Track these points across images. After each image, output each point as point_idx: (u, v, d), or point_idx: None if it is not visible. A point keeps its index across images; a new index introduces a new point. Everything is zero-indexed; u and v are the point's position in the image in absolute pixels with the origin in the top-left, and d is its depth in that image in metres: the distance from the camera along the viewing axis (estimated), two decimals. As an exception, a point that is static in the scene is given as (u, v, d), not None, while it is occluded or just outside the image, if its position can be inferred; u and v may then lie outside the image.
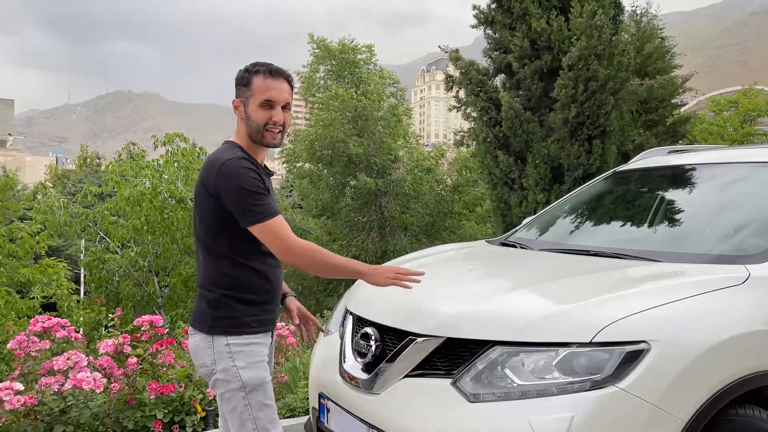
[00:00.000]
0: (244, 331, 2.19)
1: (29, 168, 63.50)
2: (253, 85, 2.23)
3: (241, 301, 2.20)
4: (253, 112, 2.22)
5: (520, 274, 2.80)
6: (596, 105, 8.78)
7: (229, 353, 2.17)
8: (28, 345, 3.67)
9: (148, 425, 3.62)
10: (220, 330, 2.18)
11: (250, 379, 2.17)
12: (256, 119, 2.22)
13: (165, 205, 10.41)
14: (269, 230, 2.13)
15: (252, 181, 2.13)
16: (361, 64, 21.12)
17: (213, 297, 2.21)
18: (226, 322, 2.19)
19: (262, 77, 2.23)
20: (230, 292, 2.19)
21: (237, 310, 2.19)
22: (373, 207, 20.05)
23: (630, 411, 1.90)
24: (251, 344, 2.20)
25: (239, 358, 2.17)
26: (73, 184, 35.33)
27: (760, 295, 2.19)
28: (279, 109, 2.24)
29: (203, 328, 2.21)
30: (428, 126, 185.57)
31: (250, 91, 2.23)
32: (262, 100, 2.22)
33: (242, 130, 2.27)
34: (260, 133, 2.23)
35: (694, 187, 3.33)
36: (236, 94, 2.29)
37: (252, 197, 2.12)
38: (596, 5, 8.65)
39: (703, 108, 19.72)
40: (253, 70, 2.25)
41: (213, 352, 2.18)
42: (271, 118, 2.23)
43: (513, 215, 9.49)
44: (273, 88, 2.23)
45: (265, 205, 2.13)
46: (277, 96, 2.23)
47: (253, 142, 2.26)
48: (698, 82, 18.13)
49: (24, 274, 9.10)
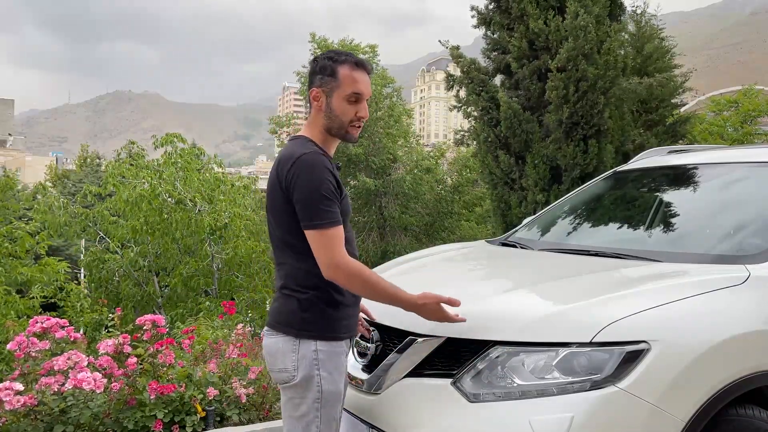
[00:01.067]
0: (333, 337, 2.08)
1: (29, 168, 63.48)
2: (340, 76, 2.09)
3: (332, 303, 2.08)
4: (339, 105, 2.10)
5: (520, 274, 2.80)
6: (588, 105, 8.79)
7: (315, 360, 2.04)
8: (28, 346, 3.67)
9: (148, 425, 3.61)
10: (310, 334, 2.05)
11: (331, 392, 2.06)
12: (342, 113, 2.10)
13: (164, 206, 10.41)
14: (324, 239, 1.99)
15: (325, 182, 2.01)
16: (362, 64, 21.10)
17: (303, 298, 2.07)
18: (317, 326, 2.06)
19: (349, 68, 2.10)
20: (321, 293, 2.07)
21: (327, 314, 2.08)
22: (373, 207, 20.07)
23: (630, 411, 1.90)
24: (337, 353, 2.09)
25: (324, 367, 2.05)
26: (73, 184, 35.31)
27: (760, 295, 2.19)
28: (365, 104, 2.14)
29: (290, 331, 2.07)
30: (428, 126, 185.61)
31: (335, 82, 2.09)
32: (350, 93, 2.09)
33: (319, 122, 2.13)
34: (344, 128, 2.12)
35: (694, 187, 3.33)
36: (316, 83, 2.13)
37: (319, 199, 1.99)
38: (578, 6, 8.65)
39: (703, 108, 19.72)
40: (339, 59, 2.11)
41: (297, 357, 2.04)
42: (357, 113, 2.12)
43: (513, 215, 9.50)
44: (361, 81, 2.11)
45: (329, 211, 2.00)
46: (365, 89, 2.13)
47: (330, 135, 2.14)
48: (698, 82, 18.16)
49: (23, 273, 9.10)
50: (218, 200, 10.73)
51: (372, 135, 19.89)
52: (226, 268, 10.84)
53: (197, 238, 10.46)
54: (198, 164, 11.32)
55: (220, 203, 10.66)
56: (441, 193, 21.01)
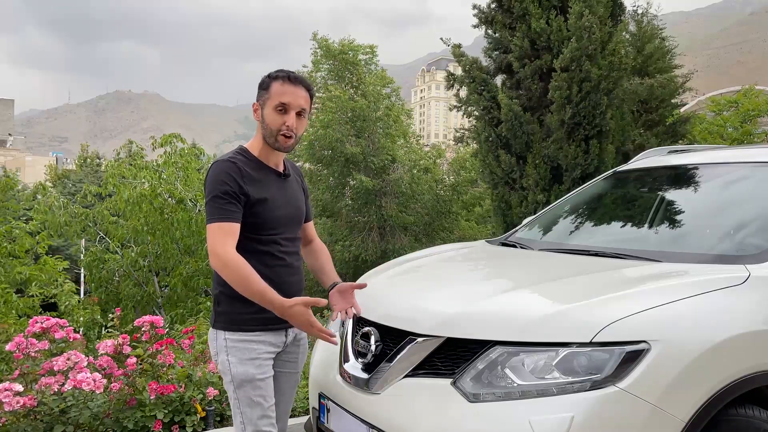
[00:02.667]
0: (240, 328, 2.27)
1: (29, 168, 63.47)
2: (271, 90, 2.30)
3: (237, 298, 2.22)
4: (268, 115, 2.29)
5: (520, 274, 2.80)
6: (591, 105, 8.78)
7: (225, 347, 2.27)
8: (27, 347, 3.67)
9: (148, 425, 3.61)
10: (220, 325, 2.30)
11: (239, 374, 2.24)
12: (270, 123, 2.29)
13: (164, 206, 10.41)
14: (210, 232, 2.21)
15: (221, 185, 2.21)
16: (362, 64, 21.13)
17: (215, 293, 2.32)
18: (225, 318, 2.29)
19: (281, 82, 2.30)
20: (227, 289, 2.25)
21: (234, 307, 2.26)
22: (372, 207, 20.07)
23: (630, 411, 1.90)
24: (247, 341, 2.27)
25: (232, 353, 2.26)
26: (73, 184, 35.31)
27: (760, 295, 2.19)
28: (293, 115, 2.29)
29: (211, 322, 2.35)
30: (428, 126, 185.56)
31: (267, 95, 2.30)
32: (277, 104, 2.28)
33: (259, 132, 2.35)
34: (274, 136, 2.30)
35: (694, 187, 3.33)
36: (257, 97, 2.36)
37: (213, 199, 2.21)
38: (583, 6, 8.64)
39: (703, 108, 19.71)
40: (274, 75, 2.32)
41: (216, 345, 2.31)
42: (284, 123, 2.28)
43: (513, 215, 9.50)
44: (289, 93, 2.29)
45: (219, 209, 2.20)
46: (292, 101, 2.29)
47: (267, 144, 2.33)
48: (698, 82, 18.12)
49: (22, 272, 9.09)
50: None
51: (371, 135, 19.90)
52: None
53: (197, 238, 10.46)
54: (198, 164, 11.32)
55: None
56: (440, 193, 21.02)
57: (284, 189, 2.39)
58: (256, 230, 2.28)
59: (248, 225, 2.26)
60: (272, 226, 2.31)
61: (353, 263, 19.44)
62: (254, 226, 2.27)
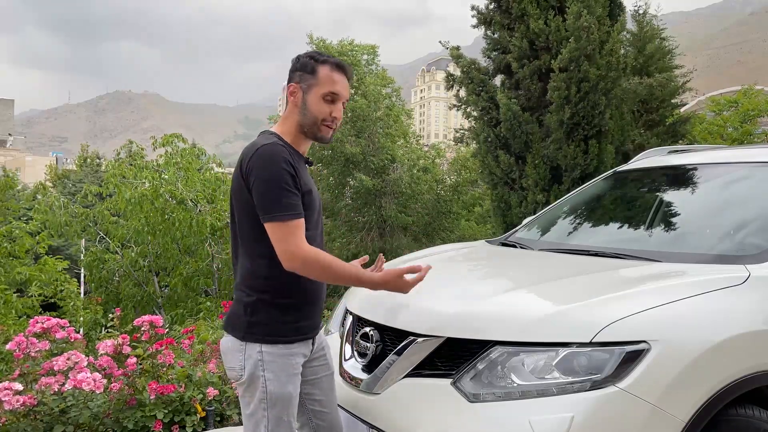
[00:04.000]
0: (279, 340, 2.07)
1: (29, 168, 63.41)
2: (320, 75, 2.11)
3: (279, 306, 2.07)
4: (315, 103, 2.11)
5: (520, 274, 2.80)
6: (590, 105, 8.78)
7: (260, 362, 2.04)
8: (27, 346, 3.67)
9: (148, 425, 3.62)
10: (255, 337, 2.06)
11: (276, 393, 2.05)
12: (316, 111, 2.11)
13: (166, 206, 10.42)
14: (282, 230, 1.98)
15: (282, 174, 1.99)
16: (362, 64, 21.15)
17: (250, 301, 2.07)
18: (262, 329, 2.06)
19: (329, 68, 2.13)
20: (267, 296, 2.07)
21: (273, 317, 2.06)
22: (372, 207, 20.07)
23: (630, 411, 1.90)
24: (285, 355, 2.07)
25: (269, 369, 2.05)
26: (73, 184, 35.28)
27: (760, 295, 2.19)
28: (340, 105, 2.15)
29: (237, 333, 2.08)
30: (428, 126, 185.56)
31: (314, 80, 2.11)
32: (327, 92, 2.11)
33: (293, 118, 2.14)
34: (316, 125, 2.13)
35: (694, 187, 3.33)
36: (295, 78, 2.14)
37: (277, 191, 1.98)
38: (581, 6, 8.64)
39: (703, 108, 19.69)
40: (321, 59, 2.14)
41: (243, 358, 2.05)
42: (331, 113, 2.13)
43: (513, 215, 9.50)
44: (339, 82, 2.13)
45: (288, 203, 1.99)
46: (342, 91, 2.14)
47: (302, 133, 2.15)
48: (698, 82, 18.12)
49: (22, 272, 9.09)
50: (219, 200, 10.73)
51: (371, 135, 19.90)
52: (226, 268, 10.84)
53: (198, 238, 10.46)
54: (198, 164, 11.32)
55: (220, 203, 10.67)
56: (440, 193, 21.03)
57: (311, 179, 2.20)
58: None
59: None
60: (310, 222, 2.11)
61: (353, 263, 19.42)
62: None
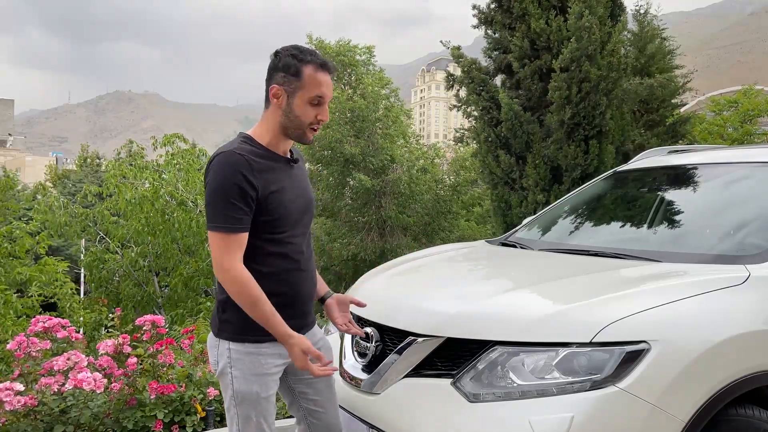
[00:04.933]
0: (247, 339, 2.04)
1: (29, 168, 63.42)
2: (304, 77, 2.01)
3: None
4: (300, 106, 2.02)
5: (520, 274, 2.80)
6: (591, 106, 8.78)
7: (228, 358, 2.05)
8: (28, 346, 3.67)
9: (148, 425, 3.61)
10: (225, 335, 2.07)
11: (241, 391, 2.04)
12: (302, 115, 2.03)
13: (166, 207, 10.42)
14: (216, 242, 1.96)
15: (230, 185, 1.93)
16: (360, 65, 21.15)
17: (221, 299, 2.08)
18: (230, 327, 2.06)
19: (314, 69, 2.02)
20: None
21: (241, 315, 2.01)
22: (372, 207, 20.08)
23: (630, 411, 1.90)
24: (253, 354, 2.05)
25: (237, 366, 2.04)
26: (73, 184, 35.29)
27: (760, 295, 2.19)
28: (326, 107, 2.07)
29: (213, 329, 2.12)
30: (428, 126, 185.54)
31: (299, 83, 2.01)
32: (313, 96, 2.02)
33: (275, 119, 2.06)
34: (302, 129, 2.06)
35: (694, 187, 3.33)
36: (277, 80, 2.04)
37: (221, 202, 1.95)
38: (583, 6, 8.64)
39: (703, 108, 19.70)
40: (305, 59, 2.02)
41: (217, 353, 2.09)
42: (317, 116, 2.05)
43: (513, 215, 9.50)
44: (325, 84, 2.03)
45: (229, 216, 1.94)
46: (328, 92, 2.05)
47: (285, 134, 2.07)
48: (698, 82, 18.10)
49: (22, 272, 9.09)
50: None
51: (370, 135, 19.90)
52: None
53: (198, 239, 10.47)
54: (199, 164, 11.33)
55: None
56: (440, 193, 21.03)
57: (294, 178, 2.12)
58: (269, 229, 2.03)
59: (260, 224, 2.00)
60: (286, 223, 2.06)
61: (352, 262, 19.44)
62: (266, 224, 2.01)
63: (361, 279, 3.09)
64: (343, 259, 19.45)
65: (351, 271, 19.08)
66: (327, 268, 19.27)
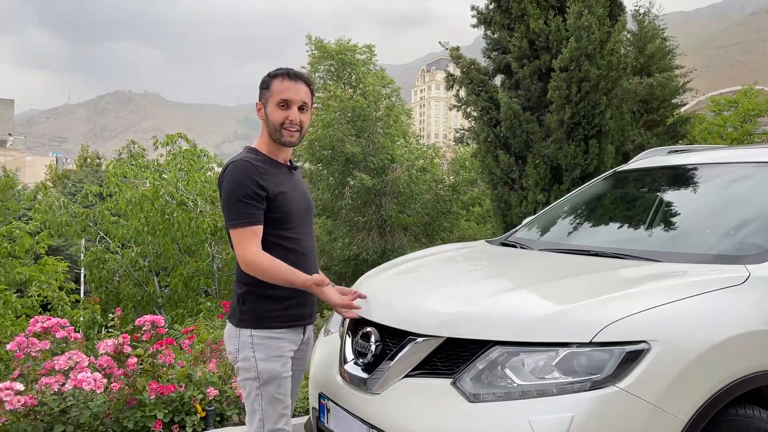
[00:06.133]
0: (267, 326, 2.32)
1: (29, 168, 63.43)
2: (272, 87, 2.37)
3: (264, 296, 2.32)
4: (271, 112, 2.37)
5: (520, 274, 2.80)
6: (590, 105, 8.77)
7: (251, 344, 2.31)
8: (28, 346, 3.67)
9: (148, 425, 3.62)
10: (246, 323, 2.33)
11: (266, 371, 2.29)
12: (274, 119, 2.36)
13: (166, 207, 10.42)
14: (234, 237, 2.28)
15: (241, 188, 2.25)
16: (360, 64, 21.15)
17: (240, 292, 2.36)
18: (251, 316, 2.33)
19: (281, 79, 2.38)
20: (253, 288, 2.32)
21: (261, 305, 2.32)
22: (372, 207, 20.08)
23: (630, 411, 1.90)
24: (273, 338, 2.32)
25: (259, 350, 2.30)
26: (73, 184, 35.28)
27: (760, 295, 2.19)
28: (295, 109, 2.37)
29: (233, 321, 2.38)
30: (428, 126, 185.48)
31: (269, 93, 2.38)
32: (279, 100, 2.36)
33: (264, 132, 2.41)
34: (278, 131, 2.37)
35: (694, 187, 3.33)
36: (259, 97, 2.42)
37: (234, 201, 2.26)
38: (582, 6, 8.63)
39: (703, 108, 19.69)
40: (274, 73, 2.40)
41: (238, 342, 2.33)
42: (287, 117, 2.36)
43: (513, 215, 9.49)
44: (290, 89, 2.37)
45: (239, 211, 2.25)
46: (294, 96, 2.37)
47: (273, 141, 2.40)
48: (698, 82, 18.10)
49: (22, 272, 9.09)
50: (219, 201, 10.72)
51: (371, 135, 19.91)
52: (226, 268, 10.84)
53: (198, 239, 10.47)
54: (200, 164, 11.33)
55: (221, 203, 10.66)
56: (440, 193, 21.03)
57: (295, 183, 2.46)
58: (278, 226, 2.33)
59: (269, 221, 2.30)
60: (293, 220, 2.37)
61: (353, 262, 19.44)
62: (275, 221, 2.32)
63: (361, 279, 3.09)
64: (343, 259, 19.46)
65: (351, 271, 19.09)
66: (327, 268, 19.26)
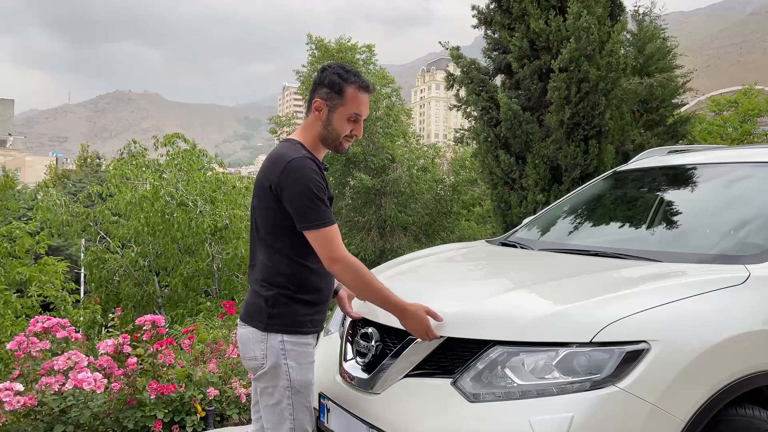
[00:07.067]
0: (299, 331, 2.22)
1: (29, 168, 63.40)
2: (346, 96, 2.24)
3: (298, 300, 2.22)
4: (339, 121, 2.25)
5: (520, 274, 2.80)
6: (590, 106, 8.78)
7: (282, 350, 2.19)
8: (28, 346, 3.67)
9: (148, 425, 3.62)
10: (276, 328, 2.20)
11: (298, 380, 2.21)
12: (339, 129, 2.26)
13: (166, 207, 10.43)
14: (322, 238, 2.14)
15: (316, 185, 2.14)
16: (361, 63, 21.16)
17: (270, 294, 2.22)
18: (282, 320, 2.21)
19: (356, 88, 2.25)
20: (288, 291, 2.21)
21: (294, 310, 2.21)
22: (372, 207, 20.08)
23: (630, 411, 1.90)
24: (304, 344, 2.24)
25: (292, 357, 2.20)
26: (74, 183, 35.29)
27: (760, 295, 2.19)
28: (362, 123, 2.30)
29: (258, 325, 2.23)
30: (428, 126, 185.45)
31: (341, 100, 2.24)
32: (351, 113, 2.25)
33: (314, 130, 2.27)
34: (338, 141, 2.28)
35: (694, 187, 3.33)
36: (320, 94, 2.26)
37: (312, 201, 2.12)
38: (582, 6, 8.63)
39: (703, 108, 19.69)
40: (348, 79, 2.25)
41: (266, 347, 2.20)
42: (352, 131, 2.28)
43: (513, 215, 9.49)
44: (363, 103, 2.27)
45: (323, 211, 2.14)
46: (365, 111, 2.29)
47: (322, 144, 2.29)
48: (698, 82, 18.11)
49: (22, 272, 9.09)
50: (219, 201, 10.73)
51: (371, 135, 19.91)
52: (226, 268, 10.84)
53: (198, 239, 10.47)
54: (200, 164, 11.33)
55: (220, 204, 10.67)
56: (440, 193, 21.04)
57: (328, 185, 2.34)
58: None
59: None
60: None
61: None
62: None
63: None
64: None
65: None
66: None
